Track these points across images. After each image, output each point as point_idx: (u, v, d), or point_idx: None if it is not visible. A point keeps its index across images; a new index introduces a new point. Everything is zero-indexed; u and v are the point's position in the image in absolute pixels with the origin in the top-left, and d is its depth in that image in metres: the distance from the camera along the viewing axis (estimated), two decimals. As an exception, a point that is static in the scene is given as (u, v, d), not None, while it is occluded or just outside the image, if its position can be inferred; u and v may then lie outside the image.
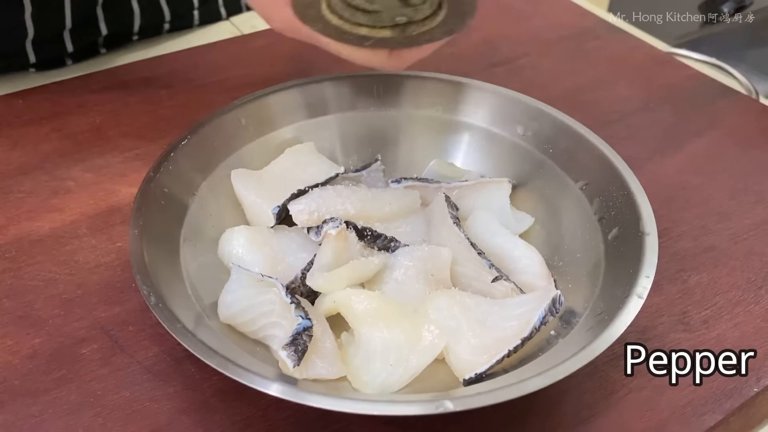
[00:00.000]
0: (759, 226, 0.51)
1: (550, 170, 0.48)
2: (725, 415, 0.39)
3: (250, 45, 0.70)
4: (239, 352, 0.37)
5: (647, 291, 0.37)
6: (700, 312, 0.45)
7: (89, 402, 0.38)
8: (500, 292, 0.41)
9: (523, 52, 0.70)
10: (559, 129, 0.49)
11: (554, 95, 0.55)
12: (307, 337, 0.37)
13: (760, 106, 0.65)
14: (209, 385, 0.39)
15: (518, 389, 0.33)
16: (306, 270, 0.41)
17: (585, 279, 0.42)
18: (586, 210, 0.45)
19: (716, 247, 0.49)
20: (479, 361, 0.37)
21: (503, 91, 0.51)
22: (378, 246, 0.43)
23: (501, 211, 0.47)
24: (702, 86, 0.67)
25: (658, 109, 0.63)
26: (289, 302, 0.38)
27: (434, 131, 0.52)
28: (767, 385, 0.41)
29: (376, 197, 0.46)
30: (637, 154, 0.56)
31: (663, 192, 0.53)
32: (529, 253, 0.44)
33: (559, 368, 0.33)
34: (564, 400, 0.39)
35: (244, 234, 0.44)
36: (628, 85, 0.66)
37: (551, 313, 0.38)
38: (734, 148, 0.59)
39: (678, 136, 0.60)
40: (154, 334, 0.41)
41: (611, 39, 0.73)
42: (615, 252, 0.42)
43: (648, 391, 0.40)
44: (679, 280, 0.47)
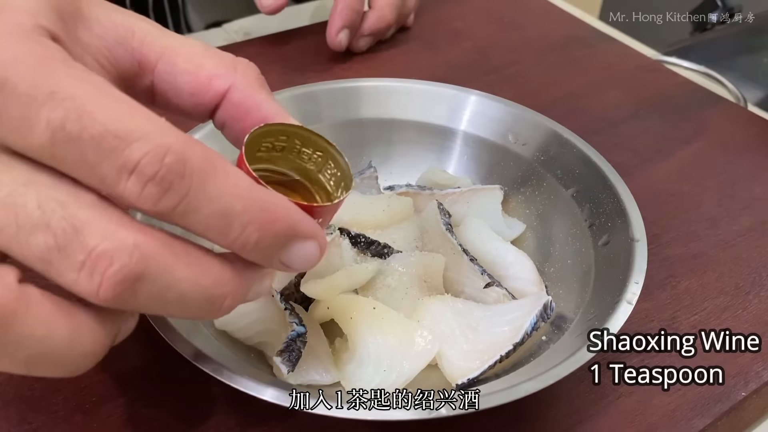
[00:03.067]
0: (747, 232, 0.52)
1: (541, 177, 0.49)
2: (714, 419, 0.39)
3: (242, 52, 0.70)
4: (234, 359, 0.37)
5: (637, 297, 0.37)
6: (689, 317, 0.45)
7: (84, 408, 0.38)
8: (492, 298, 0.41)
9: (513, 60, 0.71)
10: (549, 137, 0.49)
11: (545, 103, 0.56)
12: (301, 343, 0.37)
13: (749, 114, 0.66)
14: (204, 391, 0.39)
15: (509, 394, 0.33)
16: (300, 276, 0.41)
17: (576, 285, 0.43)
18: (577, 217, 0.46)
19: (705, 253, 0.50)
20: (471, 366, 0.38)
21: (494, 99, 0.52)
22: (371, 252, 0.43)
23: (493, 217, 0.47)
24: (691, 94, 0.67)
25: (648, 116, 0.64)
26: (283, 309, 0.38)
27: (427, 139, 0.53)
28: (755, 389, 0.41)
29: (370, 204, 0.46)
30: (627, 161, 0.57)
31: (652, 199, 0.53)
32: (521, 260, 0.44)
33: (550, 373, 0.34)
34: (555, 405, 0.40)
35: (239, 241, 0.44)
36: (618, 92, 0.67)
37: (543, 318, 0.38)
38: (723, 156, 0.60)
39: (667, 144, 0.60)
40: (149, 340, 0.41)
41: (601, 47, 0.74)
42: (605, 258, 0.42)
43: (638, 395, 0.40)
44: (668, 285, 0.47)
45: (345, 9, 0.65)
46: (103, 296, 0.24)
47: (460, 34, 0.75)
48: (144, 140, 0.24)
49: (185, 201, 0.25)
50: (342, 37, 0.66)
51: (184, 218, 0.25)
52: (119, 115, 0.24)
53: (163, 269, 0.25)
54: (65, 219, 0.24)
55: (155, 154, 0.24)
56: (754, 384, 0.41)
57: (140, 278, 0.25)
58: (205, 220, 0.25)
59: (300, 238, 0.28)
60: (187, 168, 0.24)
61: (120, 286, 0.24)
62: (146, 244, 0.25)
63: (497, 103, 0.52)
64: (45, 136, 0.24)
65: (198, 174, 0.25)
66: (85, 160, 0.24)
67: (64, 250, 0.24)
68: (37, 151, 0.24)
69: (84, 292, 0.25)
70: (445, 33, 0.75)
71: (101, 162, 0.24)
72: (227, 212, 0.26)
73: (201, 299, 0.26)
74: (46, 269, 0.25)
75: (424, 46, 0.73)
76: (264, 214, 0.26)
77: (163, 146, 0.24)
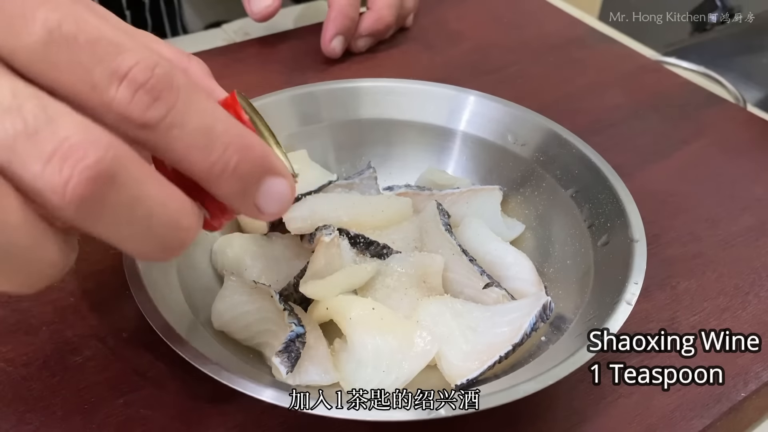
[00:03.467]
0: (746, 232, 0.52)
1: (540, 178, 0.49)
2: (713, 420, 0.39)
3: (242, 52, 0.70)
4: (233, 359, 0.37)
5: (636, 297, 0.37)
6: (689, 318, 0.45)
7: (83, 409, 0.38)
8: (492, 298, 0.41)
9: (513, 60, 0.71)
10: (549, 137, 0.49)
11: (544, 103, 0.56)
12: (300, 343, 0.37)
13: (748, 115, 0.66)
14: (203, 392, 0.39)
15: (509, 394, 0.33)
16: (299, 277, 0.41)
17: (575, 285, 0.43)
18: (576, 217, 0.46)
19: (704, 253, 0.50)
20: (471, 367, 0.38)
21: (494, 100, 0.52)
22: (370, 253, 0.43)
23: (492, 218, 0.47)
24: (690, 94, 0.67)
25: (647, 117, 0.64)
26: (282, 309, 0.38)
27: (426, 139, 0.53)
28: (754, 390, 0.41)
29: (369, 204, 0.46)
30: (627, 162, 0.57)
31: (652, 199, 0.53)
32: (520, 260, 0.44)
33: (550, 374, 0.34)
34: (554, 406, 0.40)
35: (238, 241, 0.44)
36: (618, 93, 0.67)
37: (542, 319, 0.38)
38: (722, 156, 0.60)
39: (667, 144, 0.60)
40: (148, 341, 0.41)
41: (601, 48, 0.74)
42: (604, 259, 0.42)
43: (637, 396, 0.40)
44: (668, 286, 0.47)
45: (339, 16, 0.65)
46: (70, 195, 0.23)
47: (459, 34, 0.75)
48: (136, 51, 0.24)
49: (172, 113, 0.25)
50: (336, 44, 0.67)
51: (168, 133, 0.25)
52: (112, 29, 0.24)
53: (136, 178, 0.24)
54: (39, 107, 0.23)
55: (146, 64, 0.24)
56: (754, 385, 0.41)
57: (112, 181, 0.23)
58: (188, 136, 0.25)
59: (273, 173, 0.28)
60: (174, 82, 0.25)
61: (91, 184, 0.23)
62: (121, 147, 0.24)
63: (496, 103, 0.52)
64: (40, 35, 0.23)
65: (184, 89, 0.25)
66: (77, 63, 0.24)
67: (34, 136, 0.22)
68: (27, 52, 0.23)
69: (48, 187, 0.23)
70: (444, 33, 0.75)
71: (94, 67, 0.24)
72: (210, 130, 0.26)
73: (166, 225, 0.26)
74: (7, 160, 0.23)
75: (424, 47, 0.73)
76: (242, 139, 0.27)
77: (153, 59, 0.24)
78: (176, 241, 0.27)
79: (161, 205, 0.25)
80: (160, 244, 0.26)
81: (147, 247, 0.26)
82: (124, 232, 0.25)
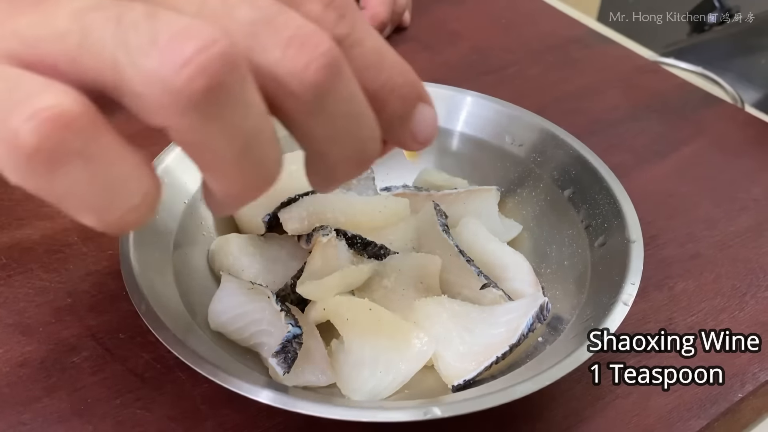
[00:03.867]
0: (744, 233, 0.52)
1: (537, 179, 0.49)
2: (710, 420, 0.39)
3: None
4: (229, 360, 0.37)
5: (632, 298, 0.37)
6: (686, 318, 0.45)
7: (80, 410, 0.38)
8: (489, 299, 0.41)
9: (511, 60, 0.71)
10: (546, 138, 0.49)
11: (542, 104, 0.56)
12: (297, 344, 0.37)
13: (746, 115, 0.66)
14: (200, 393, 0.39)
15: (505, 395, 0.33)
16: (296, 278, 0.41)
17: (572, 286, 0.43)
18: (573, 218, 0.46)
19: (702, 254, 0.50)
20: (468, 367, 0.38)
21: (491, 100, 0.52)
22: (368, 254, 0.43)
23: (489, 219, 0.47)
24: (688, 95, 0.67)
25: (645, 117, 0.64)
26: (279, 310, 0.38)
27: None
28: (752, 390, 0.41)
29: (367, 205, 0.46)
30: (624, 163, 0.57)
31: (649, 200, 0.53)
32: (518, 261, 0.44)
33: (547, 374, 0.34)
34: (552, 407, 0.40)
35: (235, 242, 0.44)
36: (616, 93, 0.67)
37: (539, 320, 0.38)
38: (720, 156, 0.60)
39: (664, 145, 0.60)
40: (145, 341, 0.41)
41: (599, 48, 0.74)
42: (601, 259, 0.42)
43: (634, 397, 0.40)
44: (665, 287, 0.47)
45: None
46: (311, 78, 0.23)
47: (457, 35, 0.75)
48: None
49: (354, 30, 0.26)
50: None
51: (350, 51, 0.26)
52: None
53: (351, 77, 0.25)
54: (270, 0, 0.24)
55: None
56: (751, 385, 0.41)
57: (339, 71, 0.24)
58: (367, 54, 0.26)
59: (425, 100, 0.29)
60: (351, 4, 0.26)
61: (327, 71, 0.24)
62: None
63: (494, 104, 0.52)
64: None
65: (359, 13, 0.26)
66: None
67: (272, 23, 0.23)
68: None
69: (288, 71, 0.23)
70: (442, 34, 0.75)
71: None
72: (381, 51, 0.27)
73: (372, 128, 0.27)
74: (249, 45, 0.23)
75: (422, 47, 0.73)
76: (402, 64, 0.28)
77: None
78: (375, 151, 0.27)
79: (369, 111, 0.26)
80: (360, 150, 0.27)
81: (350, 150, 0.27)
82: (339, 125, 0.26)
